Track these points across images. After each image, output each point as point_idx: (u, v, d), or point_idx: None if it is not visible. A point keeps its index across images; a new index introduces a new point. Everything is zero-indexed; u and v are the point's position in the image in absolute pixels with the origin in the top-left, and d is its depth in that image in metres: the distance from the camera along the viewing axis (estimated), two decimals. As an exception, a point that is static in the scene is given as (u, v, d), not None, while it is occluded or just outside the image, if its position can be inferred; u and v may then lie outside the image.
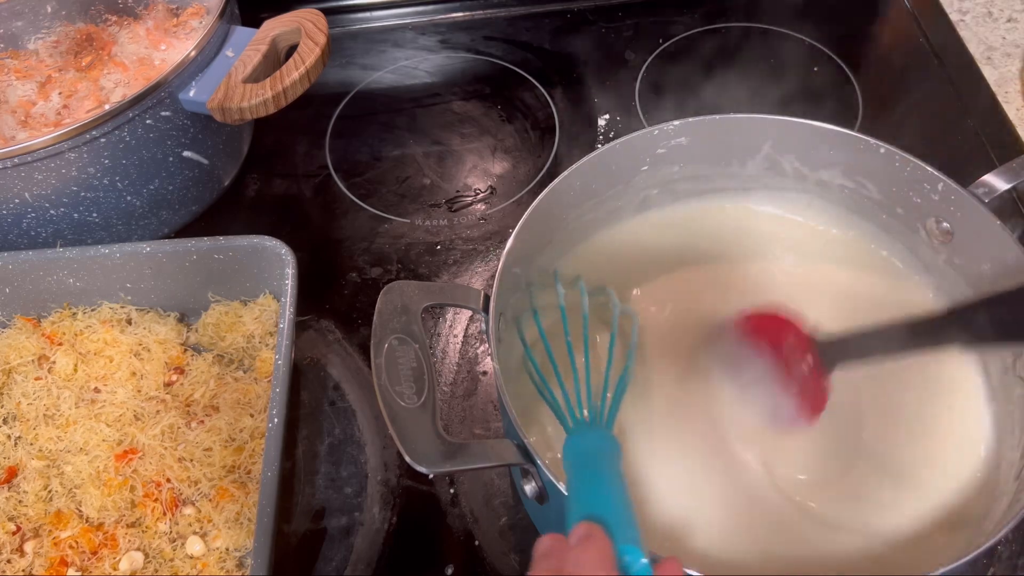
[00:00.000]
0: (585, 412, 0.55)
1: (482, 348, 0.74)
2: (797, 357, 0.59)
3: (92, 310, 0.73)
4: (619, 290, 0.65)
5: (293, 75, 0.73)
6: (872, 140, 0.63)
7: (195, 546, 0.61)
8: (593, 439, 0.53)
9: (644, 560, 0.42)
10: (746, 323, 0.62)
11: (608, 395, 0.57)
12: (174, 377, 0.70)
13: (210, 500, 0.63)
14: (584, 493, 0.47)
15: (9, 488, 0.65)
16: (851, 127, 0.64)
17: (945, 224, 0.63)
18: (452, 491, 0.67)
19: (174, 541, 0.62)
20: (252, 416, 0.66)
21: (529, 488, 0.54)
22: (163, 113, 0.73)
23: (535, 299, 0.64)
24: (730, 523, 0.57)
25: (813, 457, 0.59)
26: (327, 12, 0.80)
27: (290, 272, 0.68)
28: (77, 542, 0.61)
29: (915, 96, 0.93)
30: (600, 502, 0.45)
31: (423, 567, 0.64)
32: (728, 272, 0.69)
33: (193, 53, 0.73)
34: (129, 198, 0.76)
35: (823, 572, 0.55)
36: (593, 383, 0.57)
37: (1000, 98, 0.90)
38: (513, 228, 0.60)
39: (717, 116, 0.66)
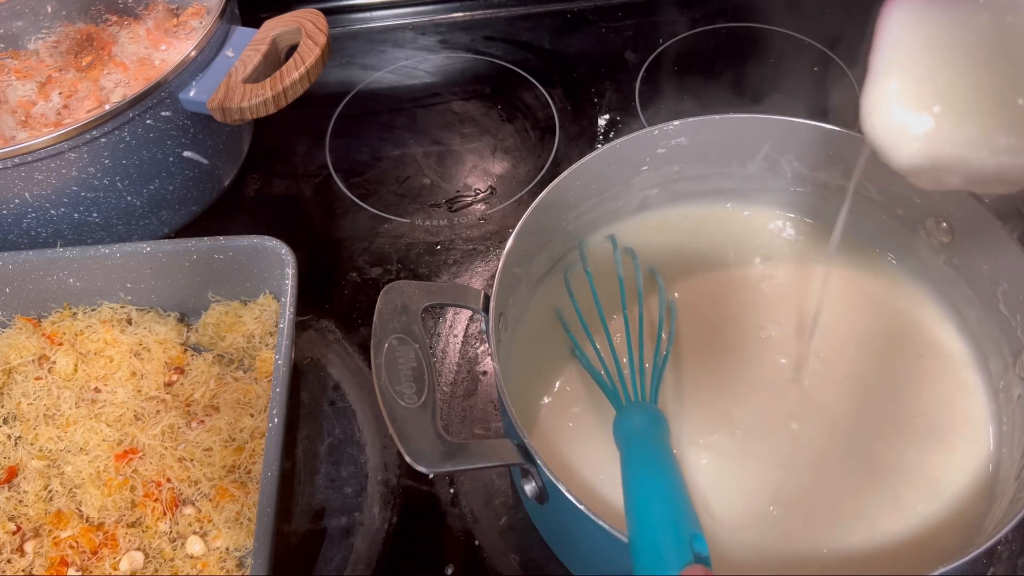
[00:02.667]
0: (636, 390, 0.58)
1: (482, 348, 0.74)
2: None
3: (92, 310, 0.73)
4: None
5: (293, 75, 0.73)
6: (872, 140, 0.63)
7: (195, 546, 0.61)
8: (644, 415, 0.56)
9: (707, 549, 0.43)
10: None
11: (648, 368, 0.60)
12: (174, 377, 0.70)
13: (210, 500, 0.63)
14: (647, 482, 0.49)
15: (9, 488, 0.65)
16: (851, 127, 0.64)
17: (945, 224, 0.63)
18: (452, 491, 0.67)
19: (174, 541, 0.62)
20: (252, 416, 0.66)
21: (529, 488, 0.54)
22: (163, 113, 0.73)
23: (586, 258, 0.67)
24: (728, 521, 0.57)
25: (813, 457, 0.59)
26: (327, 12, 0.80)
27: (290, 272, 0.68)
28: (77, 542, 0.61)
29: (915, 96, 0.92)
30: (665, 490, 0.48)
31: (423, 567, 0.64)
32: (727, 271, 0.69)
33: (193, 53, 0.73)
34: (129, 198, 0.76)
35: (823, 572, 0.55)
36: (633, 360, 0.61)
37: (1000, 98, 0.90)
38: (513, 228, 0.60)
39: (717, 116, 0.66)
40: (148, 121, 0.73)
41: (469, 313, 0.76)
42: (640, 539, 0.45)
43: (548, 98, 0.95)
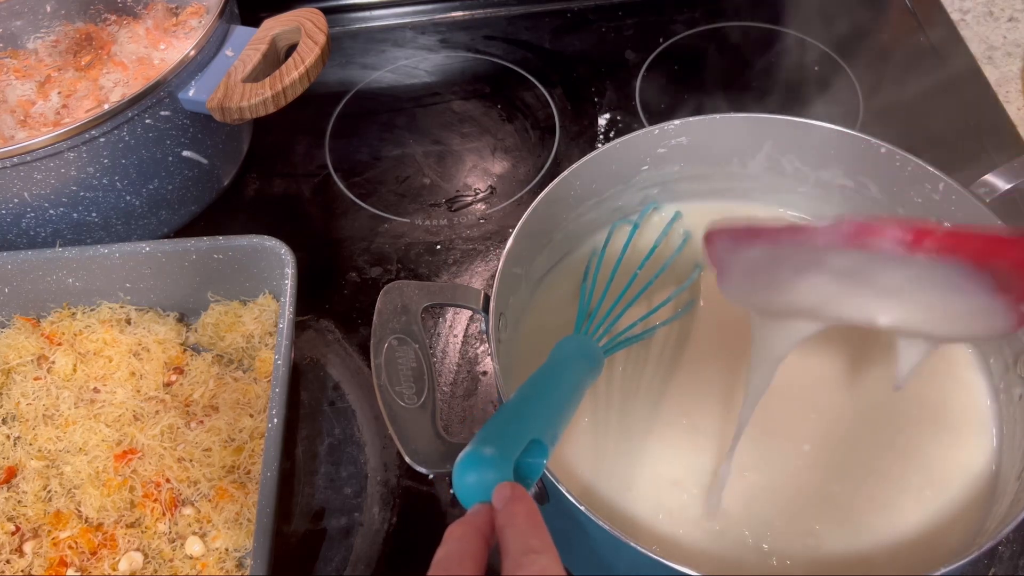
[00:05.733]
0: (597, 332, 0.59)
1: (482, 348, 0.74)
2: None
3: (91, 310, 0.73)
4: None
5: (293, 74, 0.73)
6: (873, 140, 0.63)
7: (195, 546, 0.61)
8: (584, 348, 0.56)
9: (545, 460, 0.44)
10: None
11: (627, 333, 0.61)
12: (173, 377, 0.70)
13: (210, 500, 0.63)
14: (538, 384, 0.50)
15: (9, 488, 0.65)
16: (852, 127, 0.64)
17: (946, 224, 0.63)
18: (452, 491, 0.67)
19: (174, 541, 0.62)
20: (252, 416, 0.66)
21: (529, 488, 0.54)
22: (162, 113, 0.73)
23: (644, 216, 0.70)
24: (724, 520, 0.57)
25: (812, 457, 0.59)
26: (327, 11, 0.80)
27: (290, 272, 0.68)
28: (76, 542, 0.61)
29: (915, 96, 0.92)
30: (544, 395, 0.49)
31: (423, 567, 0.63)
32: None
33: (193, 52, 0.73)
34: (128, 198, 0.76)
35: (823, 572, 0.54)
36: (625, 320, 0.62)
37: (1000, 98, 0.90)
38: (513, 228, 0.60)
39: (717, 116, 0.66)
40: (147, 121, 0.72)
41: (469, 313, 0.76)
42: (490, 422, 0.45)
43: (548, 98, 0.95)
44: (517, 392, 0.49)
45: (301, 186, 0.89)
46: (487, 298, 0.58)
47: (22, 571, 0.61)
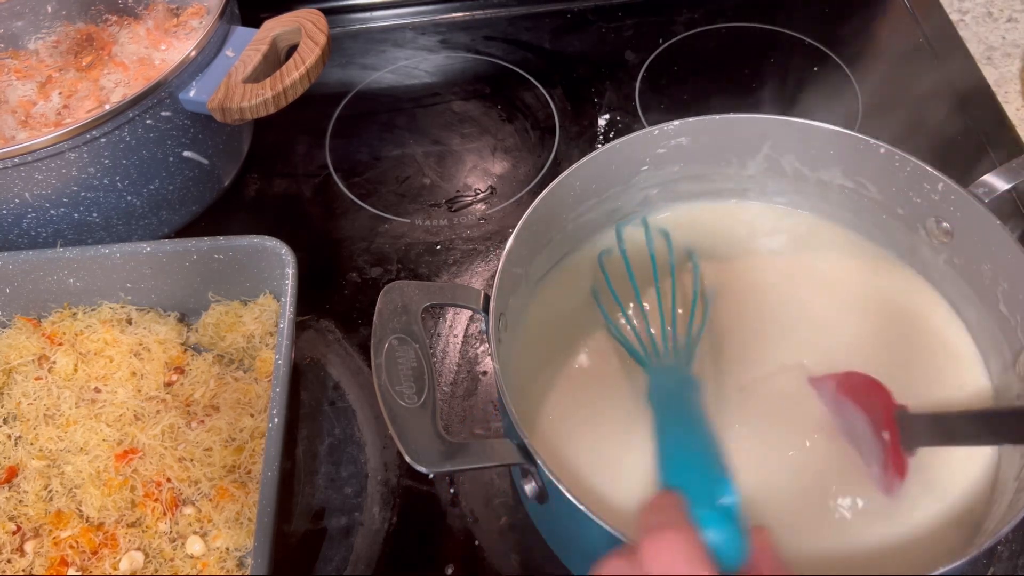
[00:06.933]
0: (668, 355, 0.60)
1: (482, 348, 0.74)
2: (882, 428, 0.56)
3: (92, 310, 0.73)
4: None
5: (293, 75, 0.73)
6: (872, 140, 0.63)
7: (195, 546, 0.62)
8: (675, 378, 0.57)
9: (735, 498, 0.42)
10: (836, 381, 0.60)
11: (686, 339, 0.62)
12: (174, 377, 0.70)
13: (210, 500, 0.63)
14: (680, 434, 0.50)
15: (9, 488, 0.65)
16: (851, 127, 0.64)
17: (945, 224, 0.63)
18: (452, 491, 0.67)
19: (174, 541, 0.62)
20: (252, 416, 0.67)
21: (529, 488, 0.54)
22: (163, 113, 0.73)
23: (623, 238, 0.70)
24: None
25: (812, 456, 0.59)
26: (327, 12, 0.80)
27: (290, 272, 0.68)
28: (77, 542, 0.61)
29: (915, 96, 0.93)
30: (694, 440, 0.49)
31: (423, 567, 0.64)
32: (728, 272, 0.69)
33: (193, 53, 0.73)
34: (129, 198, 0.76)
35: (823, 572, 0.55)
36: (665, 327, 0.63)
37: (1000, 98, 0.90)
38: (513, 228, 0.60)
39: (717, 116, 0.66)
40: (148, 121, 0.73)
41: (469, 313, 0.76)
42: (685, 482, 0.45)
43: (548, 98, 0.95)
44: (671, 452, 0.49)
45: (301, 186, 0.89)
46: (487, 298, 0.58)
47: (23, 571, 0.61)
